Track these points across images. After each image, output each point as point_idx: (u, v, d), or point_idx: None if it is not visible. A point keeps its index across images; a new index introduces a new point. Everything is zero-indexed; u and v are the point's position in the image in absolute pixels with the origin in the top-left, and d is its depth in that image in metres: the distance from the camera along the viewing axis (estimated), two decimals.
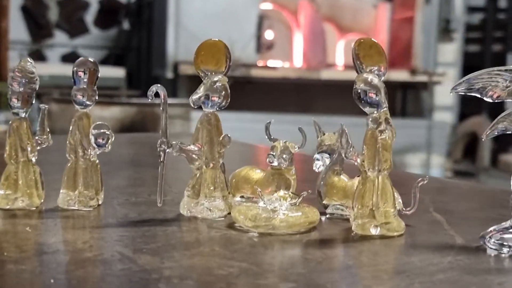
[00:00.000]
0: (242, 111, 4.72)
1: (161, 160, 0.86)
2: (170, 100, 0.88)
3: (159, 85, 0.86)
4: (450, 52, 6.28)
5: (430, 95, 6.74)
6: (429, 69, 5.98)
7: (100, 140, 0.87)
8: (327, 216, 0.90)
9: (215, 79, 0.86)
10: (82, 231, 0.78)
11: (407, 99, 6.66)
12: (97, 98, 0.90)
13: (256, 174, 0.95)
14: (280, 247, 0.75)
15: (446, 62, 6.19)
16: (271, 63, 5.37)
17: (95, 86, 0.90)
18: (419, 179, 0.85)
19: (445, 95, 6.80)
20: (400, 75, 5.80)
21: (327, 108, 6.13)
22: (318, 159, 0.90)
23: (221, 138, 0.88)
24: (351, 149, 0.82)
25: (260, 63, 5.29)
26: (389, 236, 0.80)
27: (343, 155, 0.82)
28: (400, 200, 0.86)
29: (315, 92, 5.92)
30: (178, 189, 0.97)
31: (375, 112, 0.81)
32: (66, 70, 0.93)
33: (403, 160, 6.33)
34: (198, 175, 0.88)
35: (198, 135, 0.88)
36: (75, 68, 0.89)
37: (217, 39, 0.89)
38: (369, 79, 0.80)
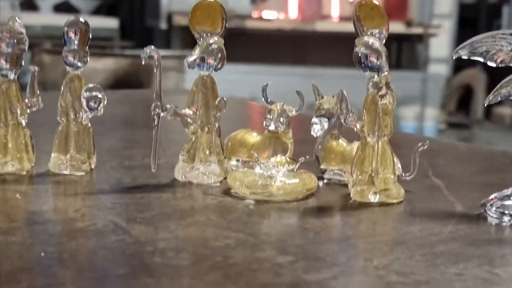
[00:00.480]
0: (236, 63, 4.68)
1: (155, 124, 0.83)
2: (163, 52, 0.85)
3: (152, 46, 0.83)
4: (446, 3, 6.21)
5: (425, 48, 6.69)
6: (424, 21, 5.92)
7: (92, 104, 0.85)
8: (325, 181, 0.88)
9: (211, 41, 0.84)
10: (74, 198, 0.76)
11: (402, 52, 6.61)
12: (88, 59, 0.87)
13: (253, 137, 0.93)
14: (277, 215, 0.74)
15: (442, 13, 6.12)
16: (265, 14, 5.30)
17: (87, 47, 0.87)
18: (419, 144, 0.83)
19: (440, 47, 6.76)
20: (395, 27, 5.73)
21: (322, 60, 6.09)
22: (316, 123, 0.87)
23: (216, 102, 0.85)
24: (350, 115, 0.79)
25: (255, 14, 5.22)
26: (388, 204, 0.78)
27: (343, 121, 0.80)
28: (399, 166, 0.84)
29: (310, 44, 5.86)
30: (173, 151, 0.95)
31: (376, 76, 0.78)
32: (59, 20, 0.90)
33: (397, 112, 6.32)
34: (193, 139, 0.86)
35: (193, 98, 0.85)
36: (65, 29, 0.86)
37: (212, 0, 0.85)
38: (370, 43, 0.78)
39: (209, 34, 0.84)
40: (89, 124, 0.88)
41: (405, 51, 6.64)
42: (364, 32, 0.79)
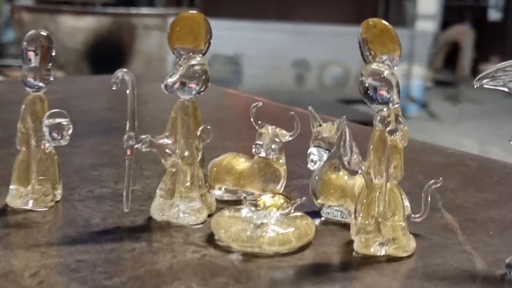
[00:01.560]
0: (221, 19, 4.54)
1: (128, 158, 0.72)
2: (146, 10, 0.73)
3: (125, 69, 0.71)
4: None
5: (413, 4, 6.55)
6: None
7: (55, 134, 0.73)
8: (322, 219, 0.77)
9: (193, 62, 0.72)
10: (32, 253, 0.65)
11: (390, 8, 6.48)
12: (51, 78, 0.75)
13: (240, 163, 0.82)
14: (269, 280, 0.63)
15: None
16: None
17: (50, 64, 0.75)
18: (431, 182, 0.72)
19: (428, 3, 6.63)
20: None
21: (309, 16, 5.94)
22: (313, 154, 0.76)
23: (199, 131, 0.74)
24: (355, 156, 0.68)
25: None
26: (397, 258, 0.67)
27: (346, 163, 0.69)
28: (408, 204, 0.73)
29: None
30: (151, 177, 0.84)
31: (385, 109, 0.67)
32: None
33: None
34: (173, 172, 0.74)
35: (172, 126, 0.74)
36: (24, 45, 0.73)
37: (195, 11, 0.73)
38: (379, 72, 0.66)
39: (191, 53, 0.72)
40: (54, 151, 0.76)
41: (392, 8, 6.51)
42: (372, 57, 0.67)
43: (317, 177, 0.77)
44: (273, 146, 0.79)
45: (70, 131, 0.74)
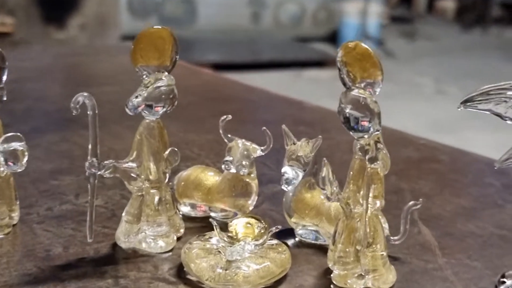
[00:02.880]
0: None
1: (90, 186, 0.67)
2: None
3: (85, 93, 0.66)
4: None
5: None
6: None
7: (10, 163, 0.67)
8: (297, 239, 0.74)
9: (159, 83, 0.66)
10: None
11: None
12: (4, 98, 0.69)
13: (209, 178, 0.78)
14: None
15: None
16: None
17: (2, 83, 0.69)
18: (410, 204, 0.69)
19: None
20: None
21: None
22: (288, 173, 0.72)
23: (166, 154, 0.69)
24: (335, 189, 0.64)
25: None
26: None
27: (327, 196, 0.65)
28: (386, 225, 0.70)
29: None
30: (112, 181, 0.80)
31: (365, 136, 0.63)
32: None
33: (339, 8, 6.13)
34: (139, 196, 0.70)
35: (137, 150, 0.69)
36: None
37: (160, 27, 0.68)
38: (361, 101, 0.62)
39: (156, 71, 0.67)
40: (9, 173, 0.71)
41: None
42: (352, 81, 0.62)
43: (291, 195, 0.73)
44: (243, 163, 0.75)
45: (26, 157, 0.68)
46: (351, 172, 0.64)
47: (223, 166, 0.76)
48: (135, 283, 0.64)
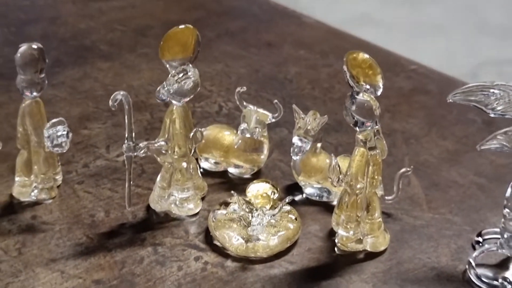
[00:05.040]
0: None
1: (128, 166, 0.78)
2: None
3: (122, 92, 0.75)
4: None
5: None
6: None
7: (57, 148, 0.78)
8: (304, 196, 0.86)
9: (187, 81, 0.76)
10: (53, 273, 0.73)
11: None
12: (45, 85, 0.79)
13: (227, 137, 0.89)
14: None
15: None
16: None
17: (43, 74, 0.78)
18: (403, 170, 0.80)
19: None
20: None
21: None
22: (297, 144, 0.83)
23: (191, 134, 0.79)
24: (340, 176, 0.76)
25: None
26: (374, 255, 0.77)
27: (334, 184, 0.76)
28: (381, 185, 0.82)
29: None
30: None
31: (367, 130, 0.74)
32: None
33: None
34: (169, 166, 0.81)
35: (166, 131, 0.79)
36: (18, 57, 0.76)
37: (184, 26, 0.76)
38: (366, 105, 0.72)
39: (181, 64, 0.76)
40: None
41: None
42: (356, 83, 0.72)
43: (298, 160, 0.84)
44: (257, 130, 0.85)
45: (70, 139, 0.78)
46: (353, 159, 0.75)
47: (239, 132, 0.86)
48: (171, 250, 0.76)
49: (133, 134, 0.77)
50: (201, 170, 0.88)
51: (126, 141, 0.77)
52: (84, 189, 0.85)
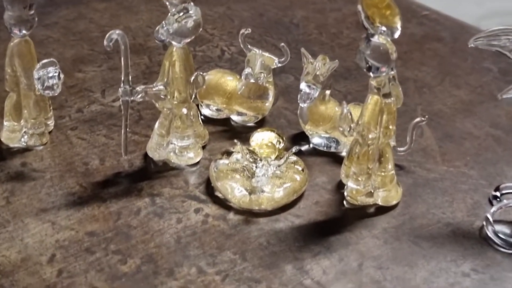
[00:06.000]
0: None
1: (124, 111, 0.73)
2: None
3: (118, 31, 0.69)
4: None
5: None
6: None
7: (48, 90, 0.73)
8: (311, 145, 0.81)
9: (188, 20, 0.70)
10: (43, 224, 0.68)
11: None
12: (35, 23, 0.73)
13: (229, 83, 0.83)
14: (271, 251, 0.68)
15: None
16: None
17: (32, 11, 0.72)
18: (417, 120, 0.76)
19: None
20: None
21: None
22: (305, 91, 0.77)
23: (192, 78, 0.74)
24: (352, 125, 0.70)
25: None
26: (386, 209, 0.73)
27: (345, 133, 0.71)
28: (393, 137, 0.77)
29: None
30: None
31: (381, 76, 0.68)
32: None
33: None
34: (168, 113, 0.76)
35: (164, 74, 0.74)
36: None
37: None
38: (381, 49, 0.66)
39: (181, 1, 0.71)
40: None
41: None
42: (372, 25, 0.66)
43: (305, 108, 0.79)
44: (262, 75, 0.80)
45: (61, 81, 0.73)
46: (366, 107, 0.70)
47: (243, 77, 0.81)
48: (170, 201, 0.72)
49: (130, 77, 0.71)
50: (202, 117, 0.83)
51: (122, 84, 0.71)
52: (78, 136, 0.80)
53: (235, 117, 0.83)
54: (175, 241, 0.67)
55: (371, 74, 0.68)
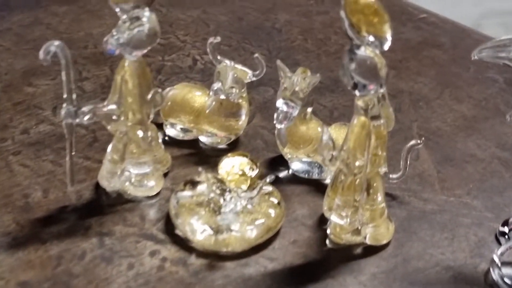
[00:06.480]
0: None
1: (68, 135, 0.62)
2: None
3: (57, 42, 0.58)
4: None
5: None
6: None
7: None
8: (290, 172, 0.70)
9: (140, 28, 0.59)
10: None
11: None
12: None
13: (197, 99, 0.73)
14: None
15: None
16: None
17: None
18: (412, 143, 0.65)
19: None
20: None
21: None
22: (283, 110, 0.66)
23: (150, 95, 0.63)
24: (334, 153, 0.60)
25: None
26: (374, 250, 0.62)
27: (325, 162, 0.60)
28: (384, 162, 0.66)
29: None
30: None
31: (370, 94, 0.58)
32: None
33: None
34: (122, 136, 0.65)
35: (117, 91, 0.63)
36: None
37: None
38: (368, 63, 0.55)
39: (135, 7, 0.60)
40: None
41: None
42: (357, 35, 0.56)
43: (283, 128, 0.68)
44: (234, 90, 0.69)
45: None
46: (351, 130, 0.59)
47: (211, 93, 0.70)
48: (121, 242, 0.61)
49: (74, 95, 0.61)
50: (167, 138, 0.72)
51: (64, 104, 0.61)
52: (20, 162, 0.69)
53: (204, 139, 0.73)
54: None
55: (357, 92, 0.57)
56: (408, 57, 0.89)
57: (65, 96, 0.61)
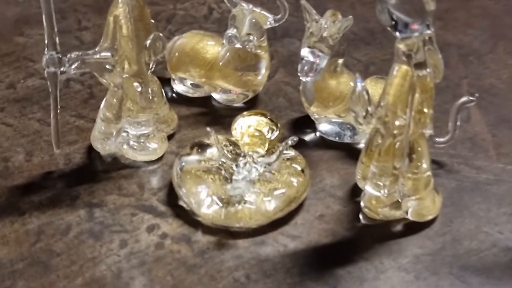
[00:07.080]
0: None
1: (52, 88, 0.52)
2: None
3: None
4: None
5: None
6: None
7: None
8: (317, 134, 0.60)
9: None
10: None
11: None
12: None
13: (209, 50, 0.62)
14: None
15: None
16: None
17: None
18: (463, 99, 0.54)
19: None
20: None
21: None
22: (308, 59, 0.56)
23: (148, 42, 0.53)
24: (369, 108, 0.49)
25: None
26: (418, 227, 0.52)
27: (359, 120, 0.50)
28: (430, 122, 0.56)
29: None
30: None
31: (412, 37, 0.47)
32: None
33: None
34: (116, 91, 0.55)
35: (111, 34, 0.53)
36: None
37: None
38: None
39: None
40: None
41: None
42: None
43: (309, 83, 0.58)
44: (251, 38, 0.59)
45: None
46: (391, 81, 0.48)
47: (224, 41, 0.60)
48: (114, 215, 0.52)
49: (57, 40, 0.51)
50: (174, 95, 0.62)
51: (46, 50, 0.51)
52: (3, 120, 0.60)
53: (217, 96, 0.63)
54: (113, 276, 0.47)
55: (397, 34, 0.46)
56: (456, 7, 0.79)
57: (46, 41, 0.51)
